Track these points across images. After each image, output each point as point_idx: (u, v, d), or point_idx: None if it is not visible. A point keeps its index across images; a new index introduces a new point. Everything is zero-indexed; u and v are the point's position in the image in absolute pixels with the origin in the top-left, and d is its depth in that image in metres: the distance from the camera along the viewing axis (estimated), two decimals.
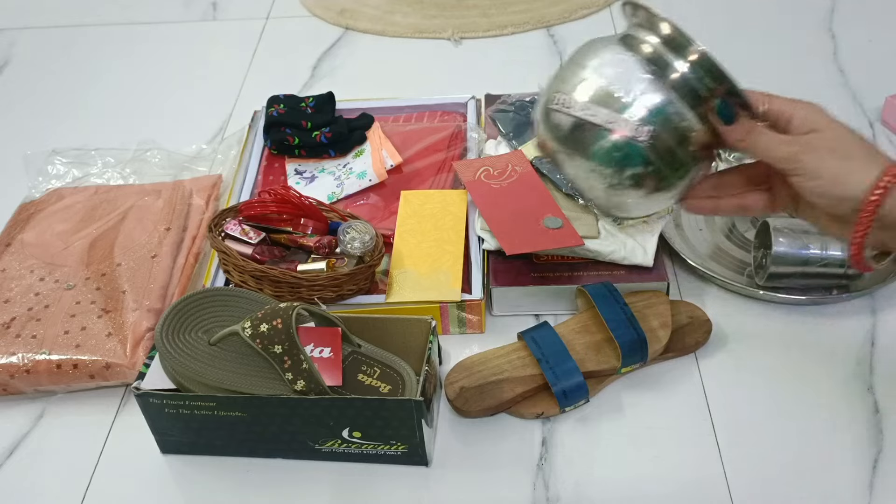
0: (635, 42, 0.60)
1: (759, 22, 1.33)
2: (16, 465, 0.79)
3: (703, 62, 0.57)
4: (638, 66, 0.58)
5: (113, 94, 1.28)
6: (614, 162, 0.59)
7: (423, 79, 1.26)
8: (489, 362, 0.79)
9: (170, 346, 0.72)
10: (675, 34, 0.58)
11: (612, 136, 0.58)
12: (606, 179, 0.60)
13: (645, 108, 0.57)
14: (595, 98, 0.58)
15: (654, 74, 0.58)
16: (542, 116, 0.62)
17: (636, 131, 0.57)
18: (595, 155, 0.59)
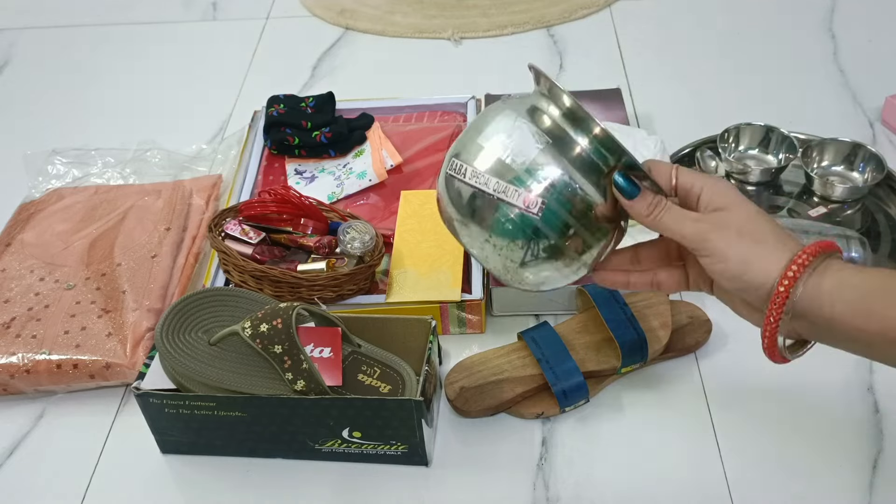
0: (537, 113, 0.58)
1: (759, 22, 1.33)
2: (16, 465, 0.79)
3: (602, 138, 0.55)
4: (536, 137, 0.56)
5: (113, 94, 1.28)
6: (507, 234, 0.57)
7: (423, 79, 1.26)
8: (489, 362, 0.79)
9: (170, 346, 0.72)
10: (575, 108, 0.56)
11: (504, 206, 0.56)
12: (501, 252, 0.58)
13: (539, 180, 0.55)
14: (491, 167, 0.56)
15: (551, 147, 0.55)
16: (442, 180, 0.60)
17: (528, 203, 0.55)
18: (489, 226, 0.57)
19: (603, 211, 0.57)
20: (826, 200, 0.98)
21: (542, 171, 0.55)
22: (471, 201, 0.58)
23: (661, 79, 1.23)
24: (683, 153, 1.05)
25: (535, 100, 0.59)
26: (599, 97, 1.11)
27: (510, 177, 0.56)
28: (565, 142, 0.56)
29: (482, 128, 0.58)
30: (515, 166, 0.56)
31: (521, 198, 0.55)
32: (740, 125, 1.04)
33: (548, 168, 0.55)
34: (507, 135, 0.57)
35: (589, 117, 0.56)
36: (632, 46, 1.30)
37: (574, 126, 0.56)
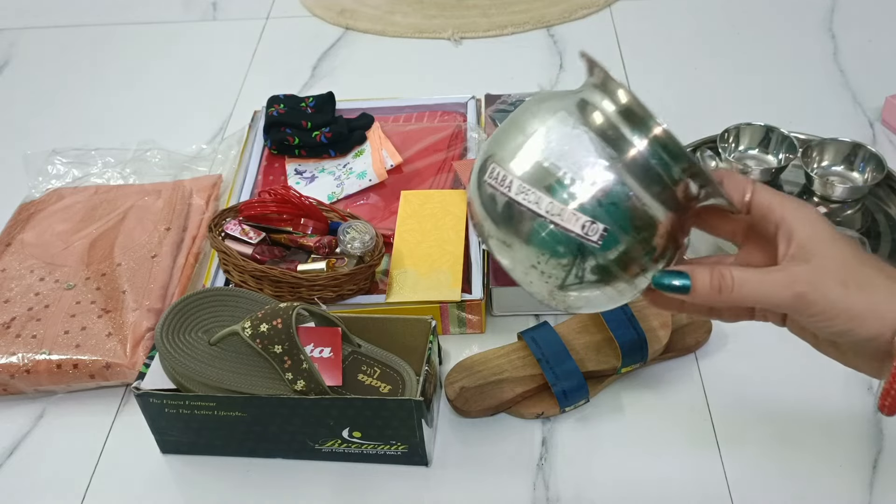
0: (588, 109, 0.49)
1: (759, 22, 1.33)
2: (16, 465, 0.79)
3: (667, 143, 0.47)
4: (590, 143, 0.48)
5: (113, 94, 1.28)
6: (558, 259, 0.49)
7: (423, 79, 1.26)
8: (489, 362, 0.79)
9: (170, 346, 0.72)
10: (634, 105, 0.48)
11: (558, 232, 0.48)
12: (548, 279, 0.50)
13: (601, 202, 0.47)
14: (536, 177, 0.48)
15: (615, 161, 0.47)
16: (475, 187, 0.51)
17: (588, 231, 0.47)
18: (536, 250, 0.49)
19: (666, 229, 0.48)
20: (826, 200, 0.98)
21: (603, 191, 0.47)
22: (516, 220, 0.49)
23: (660, 79, 1.23)
24: None
25: (589, 95, 0.50)
26: None
27: (565, 196, 0.48)
28: (628, 153, 0.48)
29: (527, 126, 0.50)
30: (573, 185, 0.47)
31: (579, 223, 0.48)
32: (740, 125, 1.04)
33: (610, 187, 0.47)
34: (560, 143, 0.48)
35: (650, 116, 0.48)
36: (631, 46, 1.30)
37: (635, 128, 0.48)
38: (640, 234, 0.48)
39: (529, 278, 0.51)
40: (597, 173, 0.47)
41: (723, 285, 0.48)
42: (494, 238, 0.51)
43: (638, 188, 0.48)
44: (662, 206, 0.48)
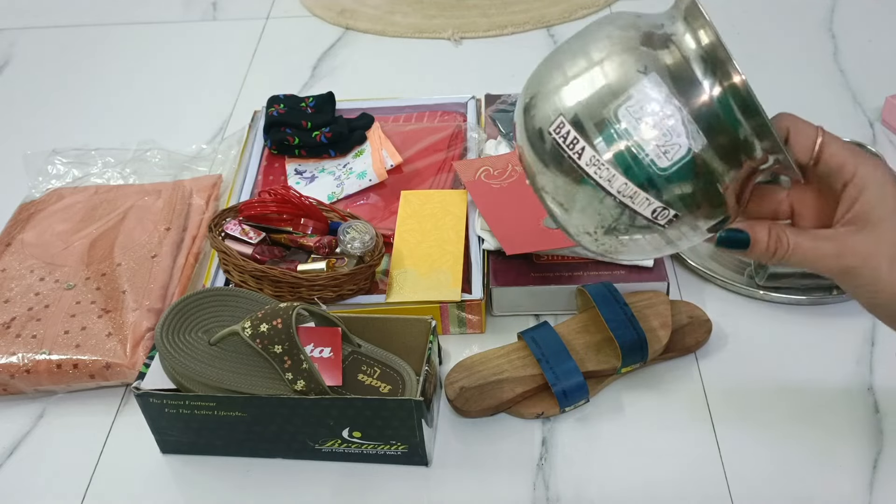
0: (684, 75, 0.47)
1: (759, 22, 1.33)
2: (16, 465, 0.79)
3: (745, 95, 0.46)
4: (687, 127, 0.45)
5: (113, 94, 1.28)
6: (619, 234, 0.48)
7: (423, 79, 1.26)
8: (489, 362, 0.79)
9: (170, 346, 0.72)
10: (717, 47, 0.46)
11: (627, 212, 0.47)
12: (603, 244, 0.50)
13: (676, 186, 0.45)
14: (620, 159, 0.46)
15: (700, 138, 0.45)
16: (527, 132, 0.50)
17: (658, 216, 0.47)
18: (597, 219, 0.48)
19: (730, 198, 0.47)
20: None
21: (682, 176, 0.45)
22: (582, 191, 0.48)
23: None
24: None
25: (670, 22, 0.47)
26: None
27: (643, 178, 0.46)
28: (699, 94, 0.46)
29: (616, 88, 0.46)
30: (654, 169, 0.46)
31: (650, 207, 0.47)
32: None
33: (691, 171, 0.45)
34: (654, 119, 0.45)
35: (731, 61, 0.45)
36: None
37: (713, 73, 0.46)
38: (705, 210, 0.47)
39: (581, 239, 0.50)
40: (682, 157, 0.46)
41: (779, 248, 0.48)
42: (550, 195, 0.50)
43: (714, 158, 0.46)
44: (730, 168, 0.47)
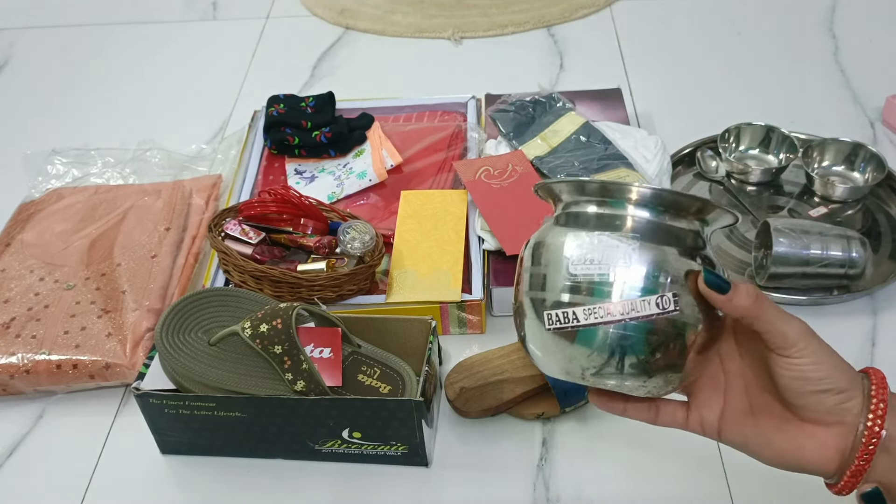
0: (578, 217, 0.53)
1: (760, 22, 1.33)
2: (16, 465, 0.79)
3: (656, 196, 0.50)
4: (609, 238, 0.51)
5: (113, 94, 1.28)
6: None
7: (423, 79, 1.26)
8: (489, 363, 0.79)
9: (170, 346, 0.72)
10: (607, 186, 0.51)
11: (636, 322, 0.50)
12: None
13: (651, 275, 0.50)
14: (591, 293, 0.51)
15: (626, 239, 0.50)
16: (534, 336, 0.53)
17: (662, 303, 0.50)
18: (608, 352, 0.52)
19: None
20: (827, 200, 0.98)
21: (650, 264, 0.50)
22: (595, 339, 0.51)
23: (661, 79, 1.23)
24: (683, 153, 1.05)
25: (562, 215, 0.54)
26: (599, 97, 1.11)
27: (620, 290, 0.50)
28: (631, 226, 0.51)
29: (547, 265, 0.54)
30: (621, 277, 0.50)
31: (652, 303, 0.50)
32: (741, 125, 1.04)
33: (651, 259, 0.50)
34: (587, 253, 0.51)
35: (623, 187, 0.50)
36: (632, 46, 1.30)
37: (622, 203, 0.51)
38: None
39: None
40: (629, 257, 0.50)
41: (758, 294, 0.51)
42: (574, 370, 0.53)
43: (667, 250, 0.50)
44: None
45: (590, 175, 0.94)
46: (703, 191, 1.01)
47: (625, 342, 0.50)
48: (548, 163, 0.97)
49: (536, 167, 0.96)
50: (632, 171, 0.94)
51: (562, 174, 0.94)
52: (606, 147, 0.98)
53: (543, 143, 1.00)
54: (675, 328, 0.51)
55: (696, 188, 1.01)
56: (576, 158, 0.97)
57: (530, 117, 1.05)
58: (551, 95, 1.08)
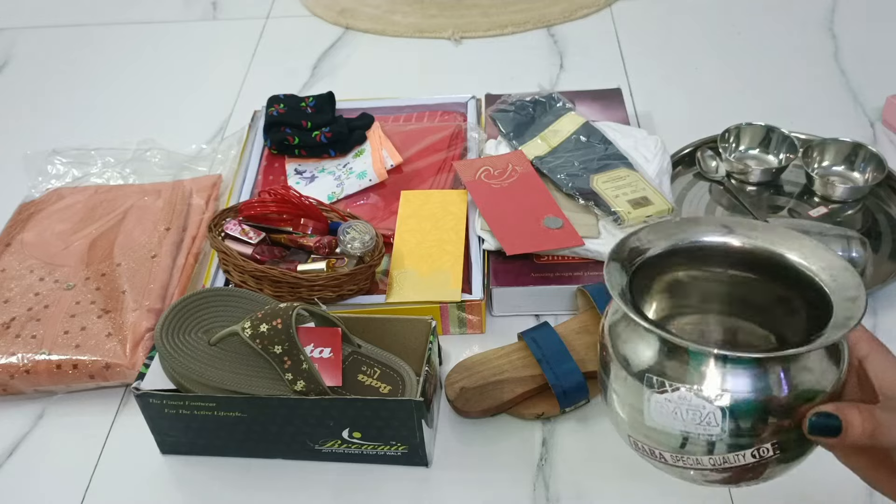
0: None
1: (760, 22, 1.33)
2: (16, 465, 0.79)
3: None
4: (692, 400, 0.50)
5: (113, 94, 1.28)
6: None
7: (423, 79, 1.26)
8: (489, 362, 0.79)
9: (170, 347, 0.72)
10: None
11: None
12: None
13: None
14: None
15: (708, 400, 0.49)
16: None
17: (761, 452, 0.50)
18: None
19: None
20: (827, 200, 0.98)
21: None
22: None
23: (661, 79, 1.23)
24: (683, 153, 1.05)
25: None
26: (599, 97, 1.11)
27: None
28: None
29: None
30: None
31: (748, 454, 0.50)
32: (741, 125, 1.04)
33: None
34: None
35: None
36: (632, 46, 1.30)
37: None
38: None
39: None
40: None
41: (875, 428, 0.47)
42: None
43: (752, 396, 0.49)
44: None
45: (589, 175, 0.94)
46: (702, 191, 1.01)
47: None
48: (548, 163, 0.97)
49: (536, 167, 0.96)
50: (632, 171, 0.94)
51: (562, 174, 0.94)
52: (606, 147, 0.98)
53: (543, 143, 1.00)
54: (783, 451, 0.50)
55: (695, 188, 1.01)
56: (576, 158, 0.97)
57: (530, 117, 1.05)
58: (551, 95, 1.08)
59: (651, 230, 0.57)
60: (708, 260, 0.58)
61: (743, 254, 0.57)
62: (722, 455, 0.50)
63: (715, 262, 0.58)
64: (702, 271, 0.59)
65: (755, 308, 0.60)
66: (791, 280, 0.55)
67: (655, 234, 0.57)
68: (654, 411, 0.51)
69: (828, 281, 0.52)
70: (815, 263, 0.54)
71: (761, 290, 0.58)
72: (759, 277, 0.58)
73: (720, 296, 0.61)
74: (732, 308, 0.61)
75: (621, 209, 0.88)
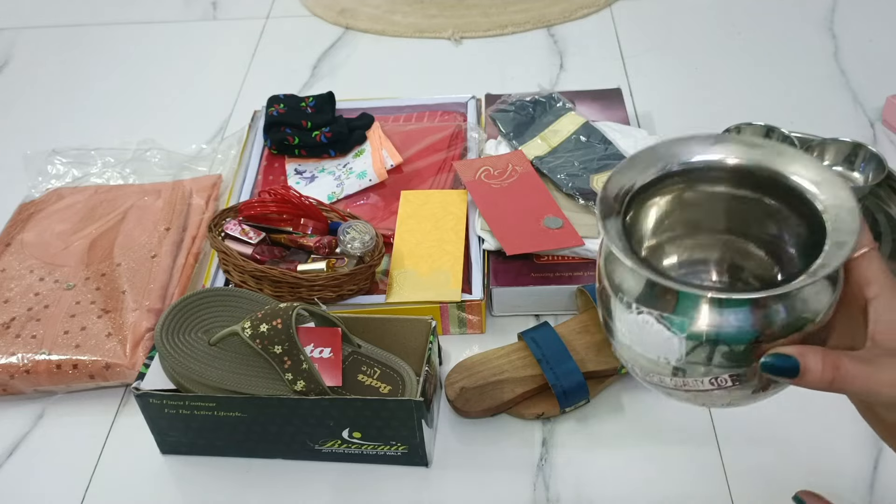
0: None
1: (760, 22, 1.33)
2: (16, 465, 0.79)
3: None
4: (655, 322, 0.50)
5: (113, 94, 1.28)
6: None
7: (423, 79, 1.26)
8: (489, 363, 0.79)
9: (170, 346, 0.72)
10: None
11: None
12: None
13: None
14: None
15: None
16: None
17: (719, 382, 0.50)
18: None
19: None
20: None
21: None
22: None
23: (661, 79, 1.23)
24: None
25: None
26: (599, 97, 1.11)
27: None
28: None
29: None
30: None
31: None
32: (740, 125, 1.04)
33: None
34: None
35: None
36: (632, 46, 1.30)
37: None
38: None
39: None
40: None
41: (835, 377, 0.46)
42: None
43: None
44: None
45: (589, 175, 0.94)
46: None
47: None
48: (548, 163, 0.97)
49: (536, 167, 0.96)
50: None
51: (562, 174, 0.94)
52: (606, 147, 0.98)
53: (543, 143, 1.00)
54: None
55: None
56: (576, 158, 0.97)
57: (530, 117, 1.05)
58: (551, 95, 1.08)
59: (632, 161, 0.55)
60: (702, 179, 0.57)
61: (739, 171, 0.56)
62: (682, 379, 0.50)
63: (709, 181, 0.57)
64: (695, 192, 0.58)
65: (756, 228, 0.59)
66: (790, 199, 0.54)
67: (643, 162, 0.55)
68: (625, 330, 0.51)
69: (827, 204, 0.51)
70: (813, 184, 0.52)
71: (760, 209, 0.57)
72: (758, 195, 0.56)
73: (720, 215, 0.59)
74: (730, 227, 0.60)
75: None
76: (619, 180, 0.54)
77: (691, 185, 0.58)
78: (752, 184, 0.56)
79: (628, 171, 0.55)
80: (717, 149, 0.56)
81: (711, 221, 0.60)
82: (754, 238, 0.60)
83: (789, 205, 0.55)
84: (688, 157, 0.56)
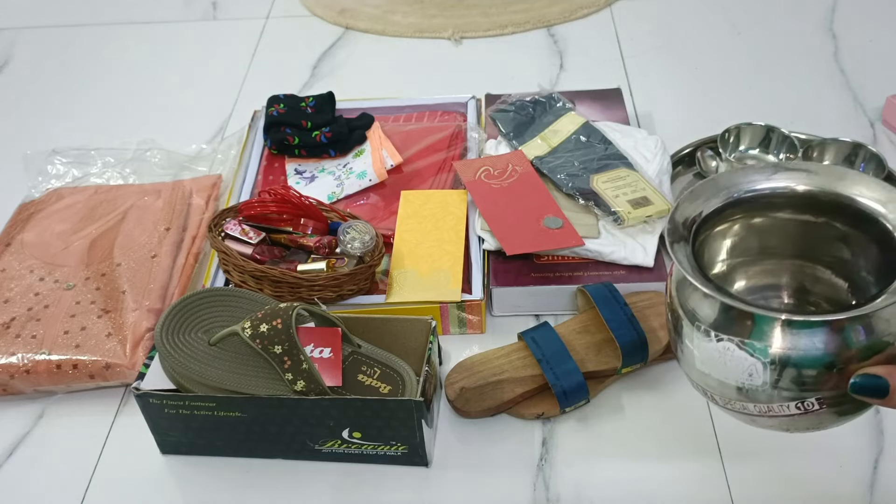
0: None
1: (760, 22, 1.33)
2: (16, 465, 0.79)
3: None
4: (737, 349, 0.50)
5: (113, 94, 1.28)
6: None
7: (423, 79, 1.26)
8: (489, 363, 0.79)
9: (170, 346, 0.72)
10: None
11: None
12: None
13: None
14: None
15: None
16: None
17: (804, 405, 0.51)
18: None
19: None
20: None
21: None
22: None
23: (661, 79, 1.23)
24: (683, 153, 1.05)
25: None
26: (599, 97, 1.11)
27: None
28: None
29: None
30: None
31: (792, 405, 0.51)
32: (741, 125, 1.04)
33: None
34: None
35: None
36: (632, 46, 1.30)
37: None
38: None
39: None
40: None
41: None
42: None
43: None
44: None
45: (589, 175, 0.94)
46: None
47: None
48: (548, 163, 0.97)
49: (536, 167, 0.96)
50: (632, 171, 0.94)
51: (562, 174, 0.94)
52: (606, 147, 0.98)
53: (543, 143, 1.00)
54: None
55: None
56: (576, 158, 0.97)
57: (530, 117, 1.05)
58: (551, 95, 1.08)
59: (695, 192, 0.57)
60: (767, 206, 0.58)
61: (804, 197, 0.56)
62: (767, 405, 0.50)
63: (773, 207, 0.58)
64: (761, 219, 0.59)
65: (823, 252, 0.59)
66: (857, 220, 0.55)
67: (706, 192, 0.57)
68: (705, 358, 0.52)
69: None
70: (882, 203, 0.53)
71: (827, 232, 0.58)
72: (824, 219, 0.57)
73: (786, 241, 0.60)
74: (796, 252, 0.61)
75: (621, 209, 0.88)
76: (684, 210, 0.55)
77: (756, 212, 0.59)
78: (817, 208, 0.57)
79: (693, 202, 0.56)
80: (778, 177, 0.56)
81: (778, 247, 0.61)
82: (823, 261, 0.60)
83: (857, 226, 0.55)
84: (750, 185, 0.57)
